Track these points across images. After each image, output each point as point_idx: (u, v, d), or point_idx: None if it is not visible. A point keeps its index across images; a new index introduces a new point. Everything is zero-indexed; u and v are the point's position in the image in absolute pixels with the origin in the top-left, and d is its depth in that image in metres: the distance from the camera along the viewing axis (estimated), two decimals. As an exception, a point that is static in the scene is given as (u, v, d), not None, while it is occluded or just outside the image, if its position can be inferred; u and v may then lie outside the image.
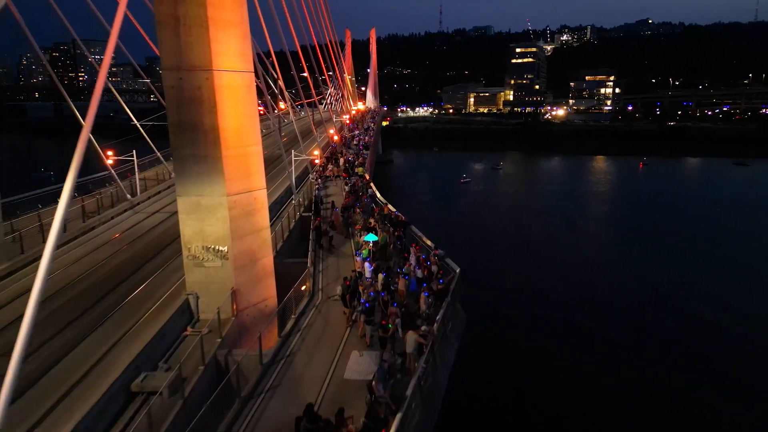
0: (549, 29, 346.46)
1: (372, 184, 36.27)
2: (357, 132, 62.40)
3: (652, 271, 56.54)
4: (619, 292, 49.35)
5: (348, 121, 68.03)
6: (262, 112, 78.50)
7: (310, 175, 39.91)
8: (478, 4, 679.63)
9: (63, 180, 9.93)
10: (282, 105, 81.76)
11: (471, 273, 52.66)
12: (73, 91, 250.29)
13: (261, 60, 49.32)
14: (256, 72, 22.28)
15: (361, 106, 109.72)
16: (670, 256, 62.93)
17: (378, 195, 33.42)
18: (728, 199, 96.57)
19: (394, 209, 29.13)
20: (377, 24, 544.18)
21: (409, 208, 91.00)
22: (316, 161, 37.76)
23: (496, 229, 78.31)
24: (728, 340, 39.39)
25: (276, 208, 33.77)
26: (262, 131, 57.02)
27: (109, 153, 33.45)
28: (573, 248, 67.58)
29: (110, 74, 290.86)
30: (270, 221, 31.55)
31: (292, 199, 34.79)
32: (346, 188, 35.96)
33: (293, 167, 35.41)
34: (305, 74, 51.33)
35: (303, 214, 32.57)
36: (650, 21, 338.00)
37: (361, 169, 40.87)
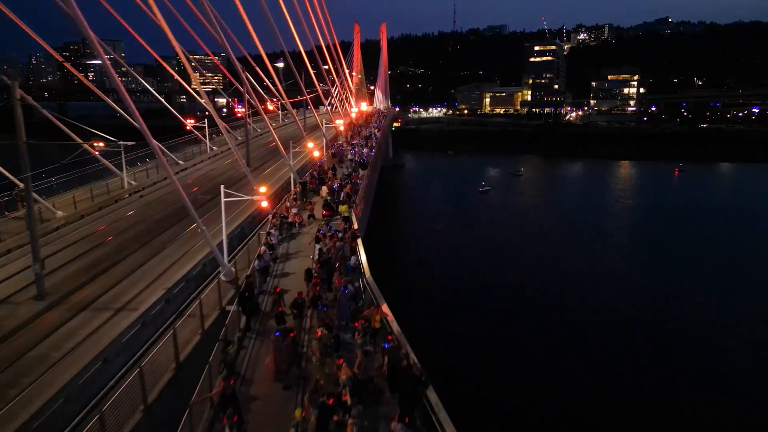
0: (565, 28, 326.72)
1: (360, 242, 20.59)
2: (355, 142, 46.72)
3: (708, 305, 45.62)
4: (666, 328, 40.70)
5: (343, 129, 51.82)
6: (238, 114, 63.83)
7: (271, 218, 24.44)
8: (492, 3, 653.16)
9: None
10: (270, 107, 66.57)
11: (496, 295, 45.66)
12: (82, 91, 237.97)
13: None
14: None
15: (365, 106, 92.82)
16: (730, 282, 51.07)
17: (367, 272, 17.70)
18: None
19: (392, 323, 13.58)
20: (390, 23, 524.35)
21: (423, 222, 76.56)
22: (264, 204, 21.82)
23: (523, 249, 63.83)
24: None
25: (181, 297, 18.32)
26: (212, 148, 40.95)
27: None
28: (613, 273, 54.93)
29: (120, 74, 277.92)
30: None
31: (220, 271, 19.40)
32: (317, 250, 20.45)
33: (224, 222, 19.89)
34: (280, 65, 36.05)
35: (227, 308, 17.16)
36: (670, 20, 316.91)
37: (345, 207, 25.25)
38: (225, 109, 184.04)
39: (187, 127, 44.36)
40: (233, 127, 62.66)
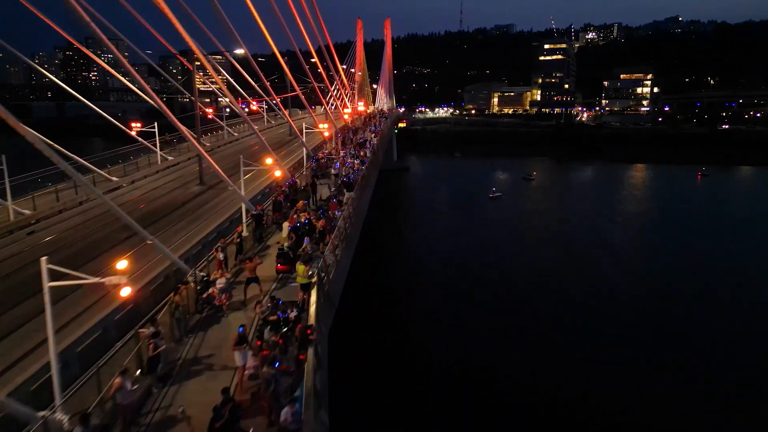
0: (573, 28, 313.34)
1: (313, 356, 10.73)
2: (343, 153, 36.26)
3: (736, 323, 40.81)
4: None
5: (327, 134, 41.12)
6: (208, 113, 53.96)
7: (173, 294, 14.36)
8: (499, 2, 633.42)
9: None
10: (254, 106, 56.44)
11: (516, 313, 41.69)
12: (85, 91, 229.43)
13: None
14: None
15: (362, 106, 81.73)
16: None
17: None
18: None
19: None
20: (397, 23, 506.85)
21: (431, 232, 67.06)
22: (125, 292, 11.65)
23: (543, 265, 55.15)
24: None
25: None
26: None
27: None
28: (641, 292, 48.16)
29: (124, 74, 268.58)
30: None
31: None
32: (239, 358, 10.73)
33: (50, 324, 10.04)
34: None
35: None
36: (680, 19, 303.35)
37: (303, 269, 14.95)
38: (228, 109, 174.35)
39: (131, 132, 34.74)
40: (211, 130, 53.15)
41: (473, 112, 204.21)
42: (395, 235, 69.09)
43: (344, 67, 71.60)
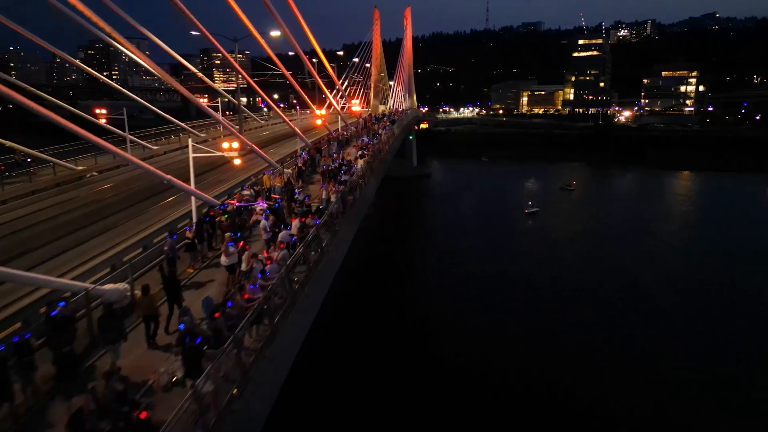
0: (604, 26, 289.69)
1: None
2: (264, 205, 16.92)
3: None
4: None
5: (239, 162, 21.37)
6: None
7: None
8: (526, 0, 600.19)
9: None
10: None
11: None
12: (106, 90, 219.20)
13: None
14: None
15: (357, 107, 63.65)
16: None
17: None
18: None
19: None
20: (421, 23, 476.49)
21: (457, 261, 52.33)
22: None
23: (596, 303, 41.92)
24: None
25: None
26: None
27: None
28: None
29: (144, 73, 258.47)
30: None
31: None
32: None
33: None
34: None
35: None
36: (717, 15, 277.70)
37: None
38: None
39: None
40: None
41: (501, 112, 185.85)
42: (411, 256, 53.85)
43: (338, 53, 54.96)
